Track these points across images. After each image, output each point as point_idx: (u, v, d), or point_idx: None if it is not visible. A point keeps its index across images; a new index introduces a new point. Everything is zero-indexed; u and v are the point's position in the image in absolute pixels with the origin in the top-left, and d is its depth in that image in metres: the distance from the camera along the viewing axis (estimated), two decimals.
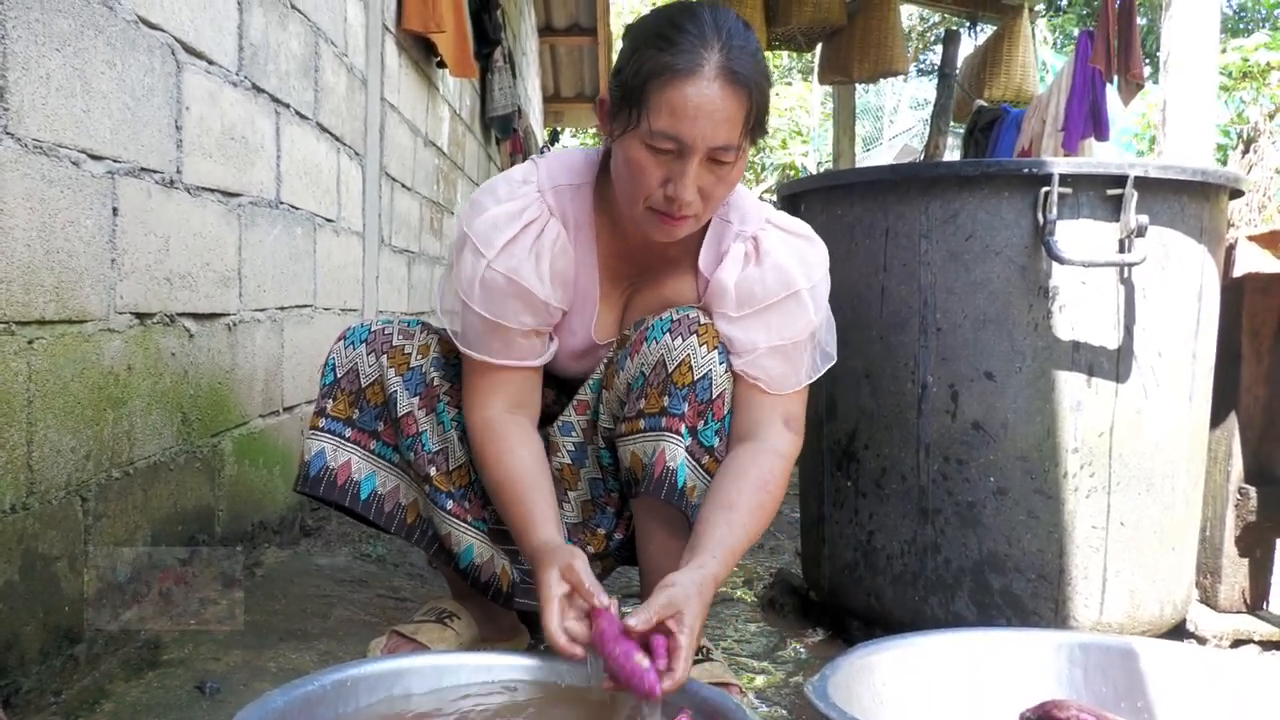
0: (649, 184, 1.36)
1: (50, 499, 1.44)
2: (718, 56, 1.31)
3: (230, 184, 2.06)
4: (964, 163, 1.84)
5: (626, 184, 1.40)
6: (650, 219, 1.40)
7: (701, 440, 1.49)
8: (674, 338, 1.48)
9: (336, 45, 2.84)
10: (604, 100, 1.43)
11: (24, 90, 1.35)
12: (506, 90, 5.84)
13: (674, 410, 1.47)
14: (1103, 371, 1.77)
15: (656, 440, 1.48)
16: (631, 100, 1.34)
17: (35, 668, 1.41)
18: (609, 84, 1.43)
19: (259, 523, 2.28)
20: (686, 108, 1.30)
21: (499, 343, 1.50)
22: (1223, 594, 2.10)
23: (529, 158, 1.70)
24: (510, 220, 1.46)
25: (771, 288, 1.48)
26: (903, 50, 7.19)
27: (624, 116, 1.36)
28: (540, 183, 1.50)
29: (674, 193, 1.35)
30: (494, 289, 1.47)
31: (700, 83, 1.30)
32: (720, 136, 1.32)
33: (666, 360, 1.47)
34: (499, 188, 1.50)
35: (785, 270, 1.48)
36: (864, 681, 1.38)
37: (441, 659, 1.39)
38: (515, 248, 1.46)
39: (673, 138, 1.32)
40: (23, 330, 1.37)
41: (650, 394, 1.48)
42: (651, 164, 1.35)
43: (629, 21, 1.48)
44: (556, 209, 1.50)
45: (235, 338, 2.11)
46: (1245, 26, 15.59)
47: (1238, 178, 1.90)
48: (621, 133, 1.37)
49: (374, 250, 3.33)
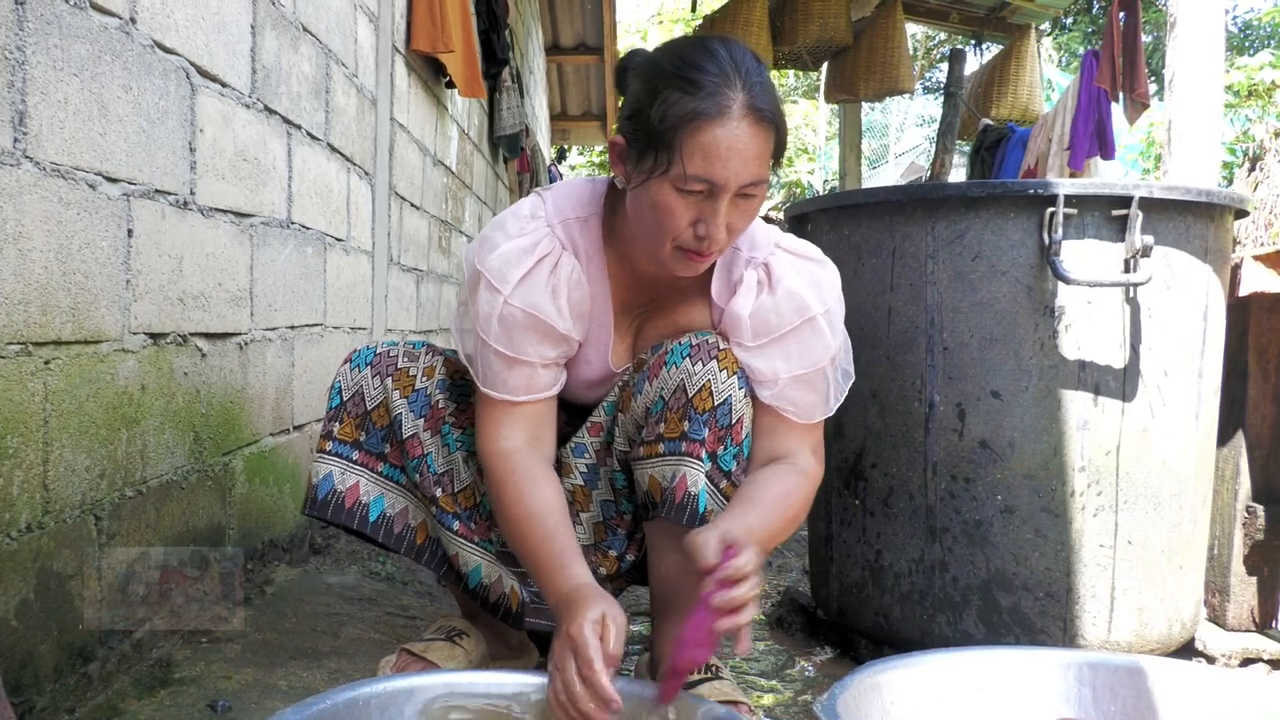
0: (678, 225, 1.36)
1: (65, 518, 1.46)
2: (743, 95, 1.31)
3: (242, 205, 2.08)
4: (970, 184, 1.86)
5: (653, 226, 1.38)
6: (678, 257, 1.40)
7: (720, 465, 1.49)
8: (694, 363, 1.48)
9: (347, 66, 2.87)
10: (618, 143, 1.42)
11: (43, 114, 1.37)
12: (514, 109, 5.88)
13: (694, 435, 1.47)
14: (1109, 390, 1.78)
15: (677, 465, 1.48)
16: (659, 145, 1.33)
17: (49, 686, 1.42)
18: (622, 126, 1.42)
19: (269, 540, 2.29)
20: (719, 150, 1.30)
21: (518, 379, 1.49)
22: (1231, 612, 2.10)
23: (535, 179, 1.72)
24: (523, 255, 1.46)
25: (786, 316, 1.48)
26: (908, 69, 7.23)
27: (649, 161, 1.35)
28: (549, 217, 1.49)
29: (706, 232, 1.35)
30: (513, 325, 1.46)
31: (730, 124, 1.30)
32: (751, 173, 1.33)
33: (687, 385, 1.47)
34: (508, 223, 1.49)
35: (799, 297, 1.48)
36: (872, 700, 1.38)
37: (452, 677, 1.39)
38: (531, 282, 1.46)
39: (707, 180, 1.32)
40: (40, 351, 1.39)
41: (670, 418, 1.49)
42: (681, 206, 1.34)
43: (636, 42, 1.48)
44: (567, 242, 1.50)
45: (246, 357, 2.13)
46: (1250, 45, 15.62)
47: (1242, 198, 1.91)
48: (647, 177, 1.36)
49: (383, 269, 3.35)
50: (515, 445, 1.50)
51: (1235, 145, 8.41)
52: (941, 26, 8.86)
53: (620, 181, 1.46)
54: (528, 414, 1.51)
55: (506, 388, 1.49)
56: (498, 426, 1.50)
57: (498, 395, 1.49)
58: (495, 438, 1.50)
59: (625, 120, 1.41)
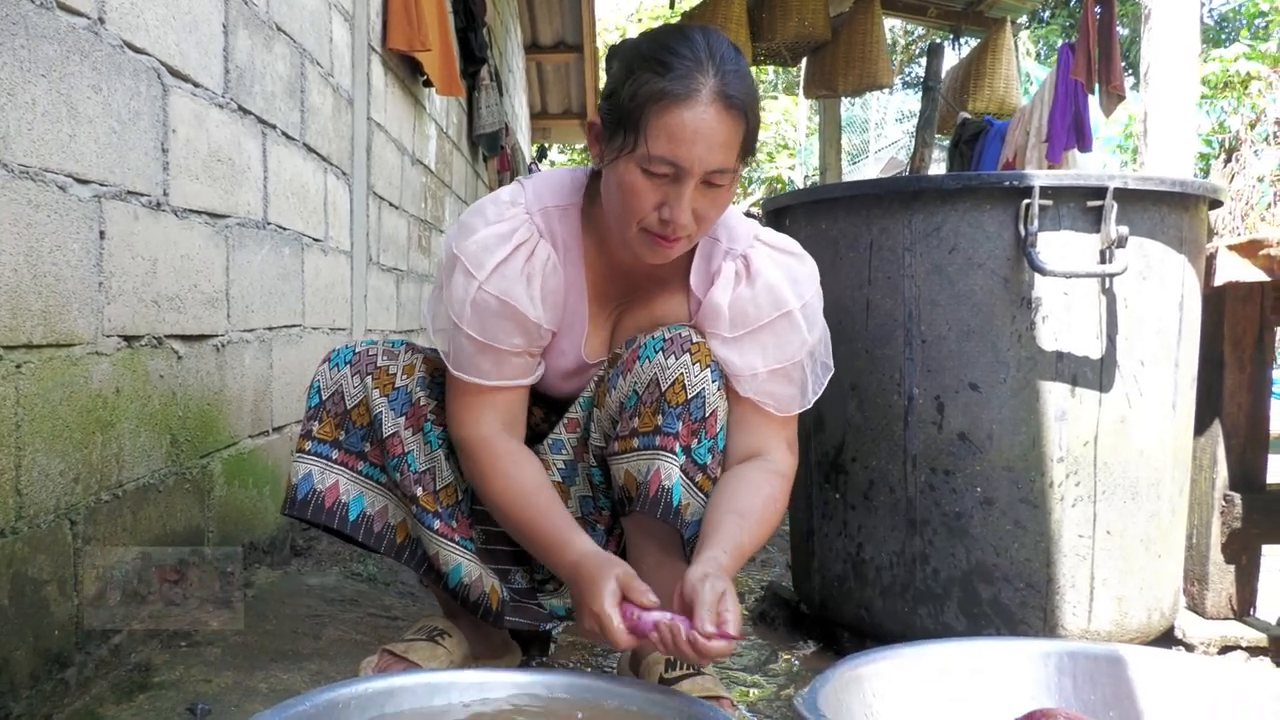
0: (643, 207, 1.37)
1: (39, 523, 1.44)
2: (713, 81, 1.32)
3: (217, 205, 2.06)
4: (946, 176, 1.86)
5: (619, 207, 1.40)
6: (644, 241, 1.41)
7: (695, 458, 1.49)
8: (667, 356, 1.48)
9: (322, 66, 2.85)
10: (594, 123, 1.44)
11: (10, 116, 1.36)
12: (493, 108, 5.86)
13: (668, 429, 1.48)
14: (1086, 381, 1.78)
15: (651, 459, 1.48)
16: (627, 124, 1.35)
17: (25, 692, 1.40)
18: (600, 107, 1.43)
19: (249, 543, 2.28)
20: (684, 132, 1.31)
21: (489, 363, 1.50)
22: (1210, 601, 2.11)
23: (515, 178, 1.72)
24: (500, 242, 1.47)
25: (764, 308, 1.49)
26: (887, 64, 7.24)
27: (619, 140, 1.36)
28: (528, 204, 1.50)
29: (670, 216, 1.36)
30: (485, 310, 1.47)
31: (697, 107, 1.31)
32: (716, 160, 1.33)
33: (660, 379, 1.48)
34: (487, 209, 1.50)
35: (776, 290, 1.49)
36: (854, 693, 1.39)
37: (433, 677, 1.39)
38: (506, 269, 1.47)
39: (670, 162, 1.33)
40: (10, 355, 1.37)
41: (644, 413, 1.49)
42: (647, 187, 1.35)
43: (615, 40, 1.49)
44: (545, 230, 1.50)
45: (224, 359, 2.11)
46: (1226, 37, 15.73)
47: (1216, 188, 1.92)
48: (616, 156, 1.37)
49: (362, 269, 3.33)
50: (490, 431, 1.51)
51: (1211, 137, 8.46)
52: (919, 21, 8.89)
53: (595, 162, 1.47)
54: (500, 400, 1.52)
55: (479, 371, 1.50)
56: (470, 412, 1.52)
57: (468, 378, 1.50)
58: (468, 424, 1.52)
59: (602, 100, 1.43)
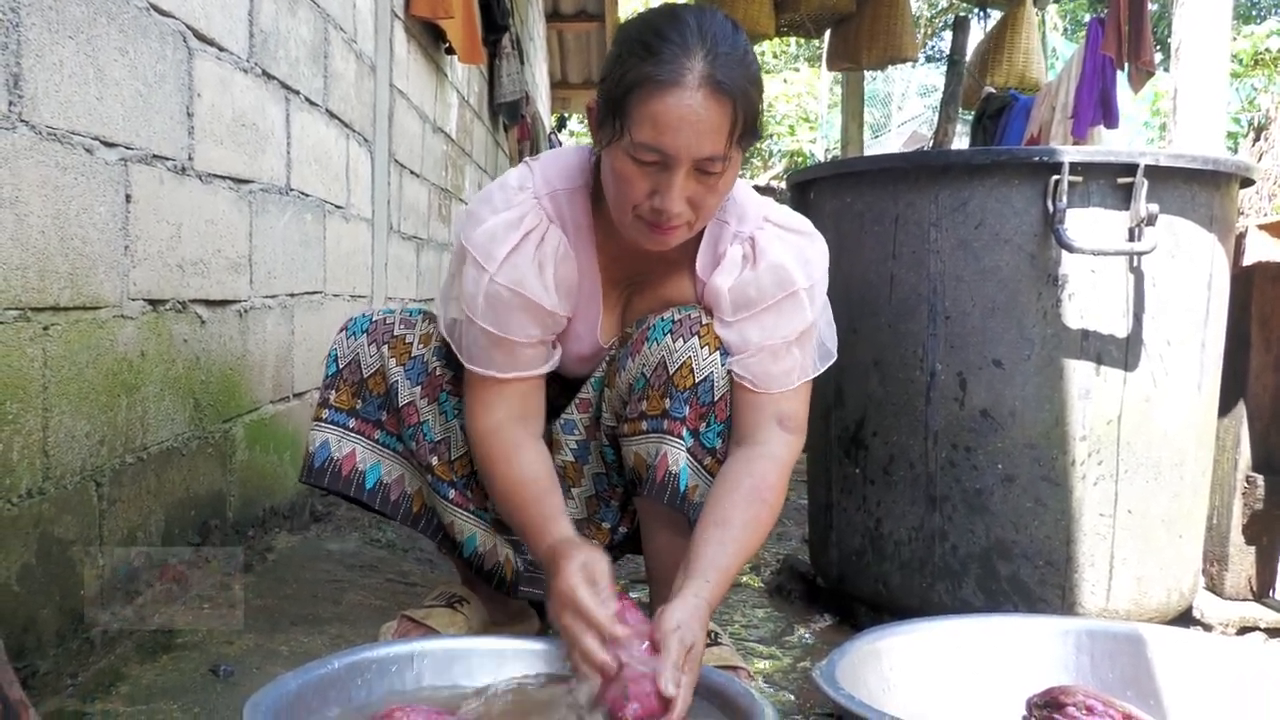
0: (636, 195, 1.33)
1: (66, 484, 1.46)
2: (701, 65, 1.27)
3: (241, 171, 2.07)
4: (974, 151, 1.84)
5: (614, 194, 1.37)
6: (640, 228, 1.37)
7: (704, 442, 1.48)
8: (675, 339, 1.47)
9: (345, 31, 2.84)
10: (592, 108, 1.40)
11: (38, 78, 1.36)
12: (514, 76, 5.83)
13: (675, 413, 1.46)
14: (1111, 360, 1.77)
15: (659, 443, 1.48)
16: (615, 111, 1.31)
17: (52, 650, 1.42)
18: (597, 90, 1.39)
19: (270, 508, 2.30)
20: (669, 119, 1.27)
21: (503, 356, 1.47)
22: (1229, 581, 2.10)
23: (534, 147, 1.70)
24: (509, 230, 1.43)
25: (768, 289, 1.45)
26: (912, 37, 7.15)
27: (609, 127, 1.33)
28: (536, 188, 1.47)
29: (660, 205, 1.32)
30: (498, 302, 1.44)
31: (682, 93, 1.26)
32: (705, 148, 1.28)
33: (668, 362, 1.46)
34: (495, 196, 1.47)
35: (782, 270, 1.45)
36: (871, 667, 1.39)
37: (452, 643, 1.40)
38: (517, 258, 1.43)
39: (656, 150, 1.29)
40: (38, 316, 1.38)
41: (652, 396, 1.48)
42: (637, 175, 1.32)
43: (638, 8, 1.46)
44: (555, 215, 1.47)
45: (246, 324, 2.12)
46: (1257, 13, 15.48)
47: (1248, 166, 1.89)
48: (607, 143, 1.34)
49: (383, 237, 3.33)
50: (501, 421, 1.49)
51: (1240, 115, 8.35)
52: None
53: (595, 147, 1.44)
54: (514, 391, 1.50)
55: (493, 364, 1.48)
56: (485, 405, 1.50)
57: (483, 372, 1.48)
58: (482, 416, 1.50)
59: (598, 85, 1.39)
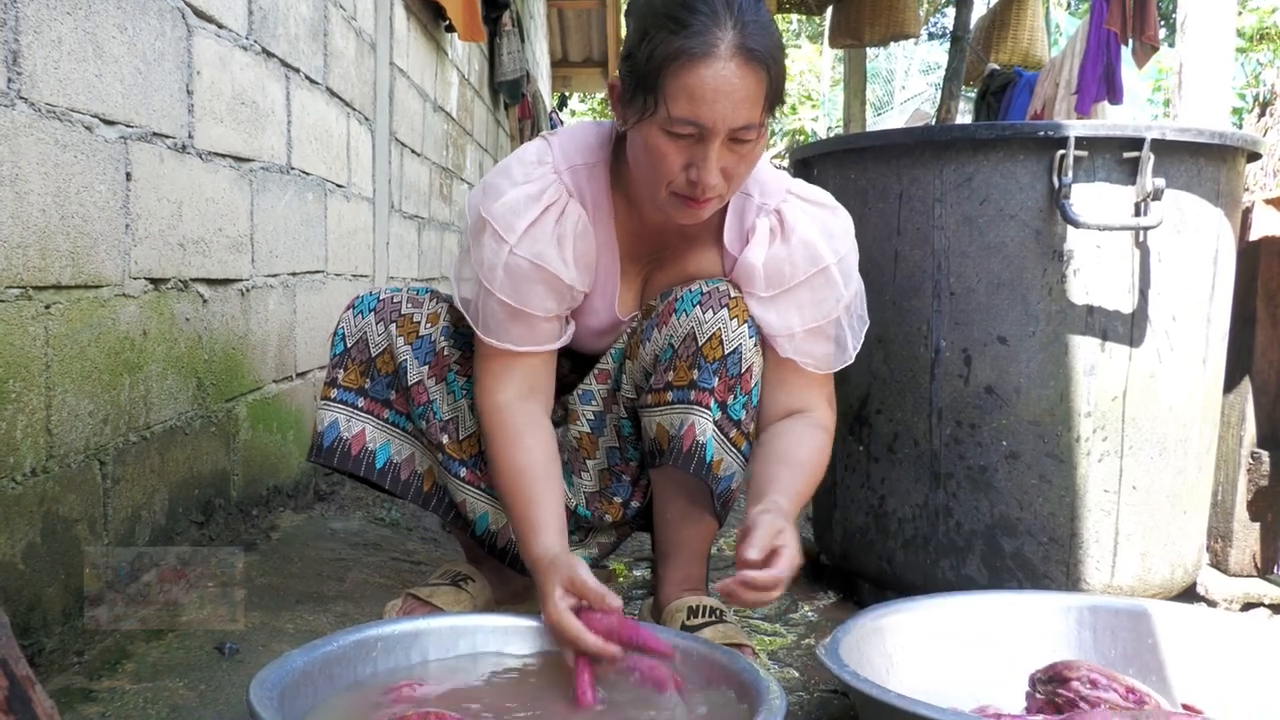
0: (671, 169, 1.33)
1: (69, 462, 1.46)
2: (732, 35, 1.27)
3: (241, 149, 2.05)
4: (979, 126, 1.83)
5: (647, 170, 1.36)
6: (674, 203, 1.37)
7: (730, 414, 1.49)
8: (704, 310, 1.47)
9: (345, 9, 2.82)
10: (615, 85, 1.39)
11: (36, 54, 1.35)
12: (515, 55, 5.79)
13: (704, 384, 1.47)
14: (1117, 336, 1.76)
15: (685, 413, 1.48)
16: (647, 87, 1.30)
17: (58, 628, 1.43)
18: (619, 68, 1.39)
19: (274, 487, 2.30)
20: (705, 91, 1.27)
21: (520, 329, 1.47)
22: (1233, 558, 2.10)
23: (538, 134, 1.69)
24: (530, 203, 1.43)
25: (800, 265, 1.46)
26: (914, 13, 7.12)
27: (640, 103, 1.32)
28: (555, 163, 1.46)
29: (697, 177, 1.32)
30: (518, 274, 1.44)
31: (717, 64, 1.26)
32: (741, 117, 1.29)
33: (697, 333, 1.47)
34: (514, 169, 1.46)
35: (812, 246, 1.46)
36: (875, 643, 1.39)
37: (457, 620, 1.40)
38: (538, 231, 1.43)
39: (693, 123, 1.28)
40: (40, 295, 1.38)
41: (679, 366, 1.48)
42: (673, 150, 1.32)
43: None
44: (574, 189, 1.47)
45: (248, 303, 2.12)
46: None
47: (1255, 140, 1.88)
48: (638, 120, 1.33)
49: (384, 216, 3.32)
50: (510, 398, 1.49)
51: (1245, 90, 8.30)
52: None
53: (619, 125, 1.43)
54: (527, 365, 1.50)
55: (509, 337, 1.47)
56: (496, 378, 1.49)
57: (499, 344, 1.48)
58: (493, 390, 1.49)
59: (621, 62, 1.38)
